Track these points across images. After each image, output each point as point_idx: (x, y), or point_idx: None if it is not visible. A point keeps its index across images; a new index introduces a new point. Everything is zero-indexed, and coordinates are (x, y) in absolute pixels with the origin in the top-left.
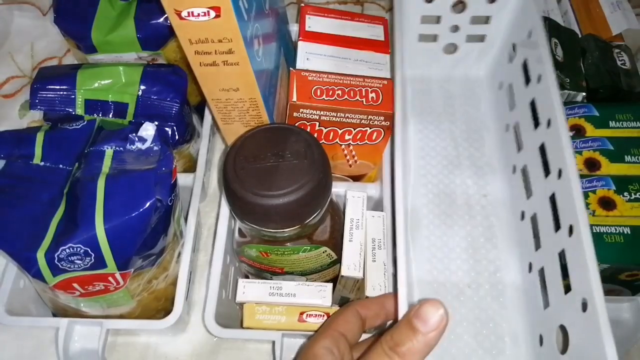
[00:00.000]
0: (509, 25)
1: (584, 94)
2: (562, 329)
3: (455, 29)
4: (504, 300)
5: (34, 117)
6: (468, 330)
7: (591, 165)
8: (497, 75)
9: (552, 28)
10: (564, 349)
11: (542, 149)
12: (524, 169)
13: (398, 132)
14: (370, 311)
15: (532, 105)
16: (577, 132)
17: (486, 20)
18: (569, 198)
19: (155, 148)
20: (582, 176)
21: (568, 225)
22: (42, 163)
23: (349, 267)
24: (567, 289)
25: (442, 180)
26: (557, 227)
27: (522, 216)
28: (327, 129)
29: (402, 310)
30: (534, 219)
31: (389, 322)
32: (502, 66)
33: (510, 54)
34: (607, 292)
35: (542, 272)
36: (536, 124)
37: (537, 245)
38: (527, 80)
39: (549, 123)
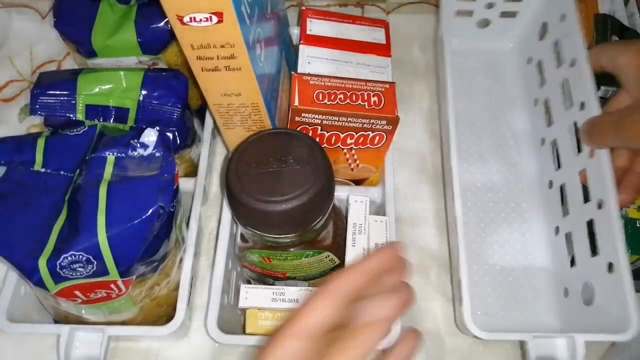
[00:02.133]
0: (542, 4)
1: None
2: None
3: (490, 5)
4: None
5: (34, 121)
6: None
7: None
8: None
9: (614, 27)
10: None
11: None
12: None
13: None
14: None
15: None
16: None
17: None
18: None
19: (157, 154)
20: None
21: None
22: (43, 169)
23: None
24: None
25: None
26: None
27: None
28: (329, 133)
29: None
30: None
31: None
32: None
33: (541, 32)
34: None
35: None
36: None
37: None
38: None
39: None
